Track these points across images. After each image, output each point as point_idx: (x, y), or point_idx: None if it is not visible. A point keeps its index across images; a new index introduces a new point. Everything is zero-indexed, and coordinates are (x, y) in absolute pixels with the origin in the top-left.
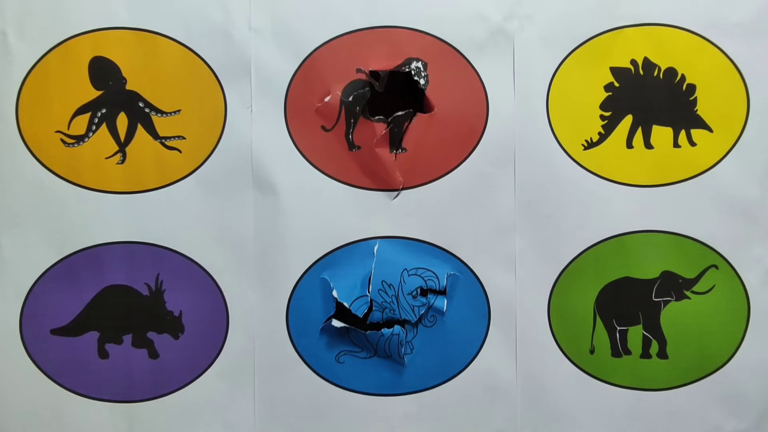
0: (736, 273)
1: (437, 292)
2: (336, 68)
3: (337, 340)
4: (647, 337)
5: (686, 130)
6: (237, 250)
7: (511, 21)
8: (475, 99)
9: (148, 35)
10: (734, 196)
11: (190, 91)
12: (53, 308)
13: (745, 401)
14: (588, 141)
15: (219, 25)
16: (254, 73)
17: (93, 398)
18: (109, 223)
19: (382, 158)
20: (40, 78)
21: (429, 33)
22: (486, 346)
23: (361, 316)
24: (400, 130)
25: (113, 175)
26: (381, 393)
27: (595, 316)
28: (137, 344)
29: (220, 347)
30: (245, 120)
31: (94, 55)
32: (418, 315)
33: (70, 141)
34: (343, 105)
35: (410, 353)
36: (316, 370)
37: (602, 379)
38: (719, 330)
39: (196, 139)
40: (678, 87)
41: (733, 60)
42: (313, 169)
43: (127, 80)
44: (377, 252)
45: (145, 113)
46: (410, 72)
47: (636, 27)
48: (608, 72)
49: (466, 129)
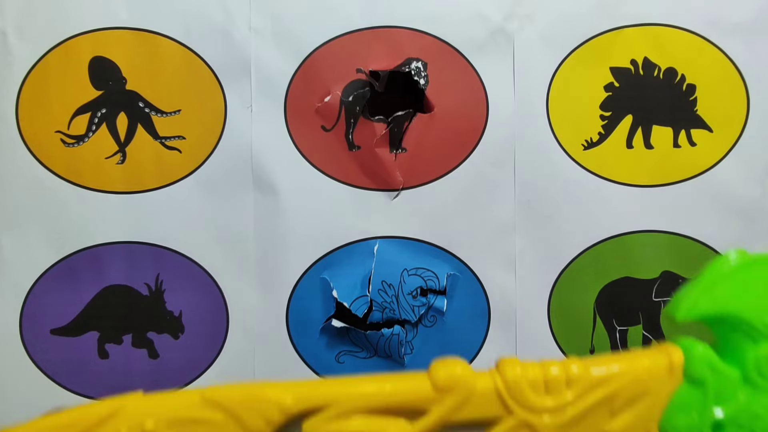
0: None
1: (437, 292)
2: (336, 68)
3: (337, 340)
4: (647, 337)
5: (686, 130)
6: (237, 250)
7: (511, 21)
8: (475, 99)
9: (148, 35)
10: (734, 196)
11: (190, 91)
12: (53, 308)
13: None
14: (588, 141)
15: (219, 25)
16: (254, 73)
17: (93, 398)
18: (109, 223)
19: (382, 158)
20: (40, 78)
21: (429, 33)
22: (486, 346)
23: (361, 316)
24: (400, 130)
25: (113, 175)
26: None
27: (595, 316)
28: (137, 344)
29: (220, 347)
30: (245, 120)
31: (94, 55)
32: (418, 315)
33: (70, 141)
34: (343, 105)
35: (410, 353)
36: (316, 370)
37: None
38: None
39: (196, 139)
40: (678, 87)
41: (733, 60)
42: (313, 169)
43: (127, 80)
44: (377, 252)
45: (145, 113)
46: (410, 72)
47: (636, 27)
48: (608, 72)
49: (466, 129)
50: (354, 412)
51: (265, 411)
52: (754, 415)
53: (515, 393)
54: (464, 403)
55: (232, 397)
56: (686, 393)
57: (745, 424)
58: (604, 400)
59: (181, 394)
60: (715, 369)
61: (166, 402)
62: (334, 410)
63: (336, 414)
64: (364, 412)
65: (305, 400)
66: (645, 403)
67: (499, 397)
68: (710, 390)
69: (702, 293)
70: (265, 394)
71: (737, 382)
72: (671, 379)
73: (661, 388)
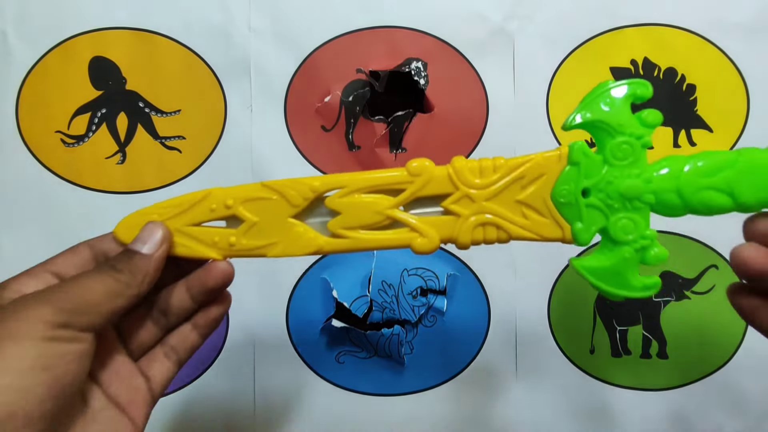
0: None
1: (437, 292)
2: (336, 68)
3: (337, 340)
4: (647, 337)
5: (686, 130)
6: None
7: (511, 21)
8: (475, 99)
9: (148, 35)
10: None
11: (190, 91)
12: None
13: (745, 401)
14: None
15: (219, 26)
16: (254, 73)
17: None
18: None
19: (382, 158)
20: (40, 78)
21: (429, 33)
22: (486, 346)
23: (361, 316)
24: (400, 130)
25: (113, 175)
26: (381, 393)
27: (595, 316)
28: None
29: (220, 347)
30: (245, 120)
31: (94, 55)
32: (418, 315)
33: (70, 141)
34: (343, 105)
35: (410, 353)
36: (316, 370)
37: (602, 379)
38: (719, 330)
39: (196, 139)
40: (678, 87)
41: (733, 60)
42: (313, 169)
43: (127, 80)
44: (377, 252)
45: (145, 113)
46: (410, 72)
47: (636, 27)
48: (608, 72)
49: (466, 129)
50: (358, 191)
51: (301, 190)
52: (607, 182)
53: (460, 176)
54: (427, 183)
55: (281, 182)
56: (568, 172)
57: (602, 188)
58: (516, 178)
59: (247, 185)
60: (586, 155)
61: (239, 189)
62: (346, 190)
63: (347, 192)
64: (365, 191)
65: (327, 184)
66: (542, 180)
67: (449, 178)
68: (582, 169)
69: (580, 109)
70: (302, 180)
71: (600, 163)
72: (559, 164)
73: (553, 170)
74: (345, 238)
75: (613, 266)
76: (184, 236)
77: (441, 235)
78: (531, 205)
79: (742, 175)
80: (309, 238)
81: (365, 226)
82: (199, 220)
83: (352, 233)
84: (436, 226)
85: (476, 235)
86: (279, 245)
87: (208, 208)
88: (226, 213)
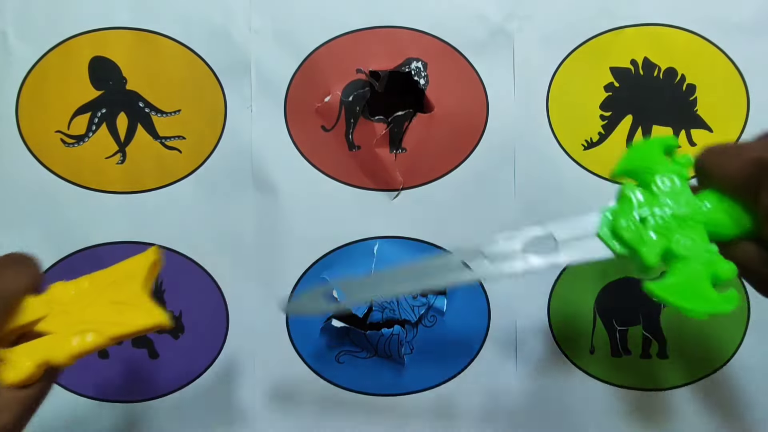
0: None
1: (437, 292)
2: (336, 68)
3: (337, 340)
4: (647, 337)
5: (686, 130)
6: (237, 250)
7: (511, 21)
8: (475, 99)
9: (148, 35)
10: None
11: (190, 91)
12: None
13: (745, 401)
14: (588, 141)
15: (219, 26)
16: (254, 73)
17: (93, 398)
18: (109, 223)
19: (382, 158)
20: (40, 78)
21: (429, 33)
22: (486, 346)
23: (361, 316)
24: (400, 130)
25: (113, 175)
26: (381, 393)
27: (595, 316)
28: (137, 344)
29: (220, 347)
30: (245, 120)
31: (94, 55)
32: (418, 315)
33: (70, 141)
34: (343, 105)
35: (410, 353)
36: (316, 370)
37: (602, 379)
38: (719, 330)
39: (196, 139)
40: (678, 87)
41: (733, 60)
42: (313, 169)
43: (127, 80)
44: (377, 252)
45: (145, 113)
46: (410, 72)
47: (636, 27)
48: (608, 72)
49: (466, 129)
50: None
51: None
52: (660, 208)
53: (53, 297)
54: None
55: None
56: (621, 207)
57: (656, 214)
58: (109, 283)
59: None
60: (632, 191)
61: None
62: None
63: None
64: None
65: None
66: (132, 279)
67: (43, 303)
68: (636, 201)
69: (622, 162)
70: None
71: (651, 195)
72: (146, 260)
73: (139, 268)
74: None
75: (687, 282)
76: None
77: (35, 360)
78: (125, 302)
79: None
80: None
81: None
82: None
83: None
84: (28, 353)
85: (74, 348)
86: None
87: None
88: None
